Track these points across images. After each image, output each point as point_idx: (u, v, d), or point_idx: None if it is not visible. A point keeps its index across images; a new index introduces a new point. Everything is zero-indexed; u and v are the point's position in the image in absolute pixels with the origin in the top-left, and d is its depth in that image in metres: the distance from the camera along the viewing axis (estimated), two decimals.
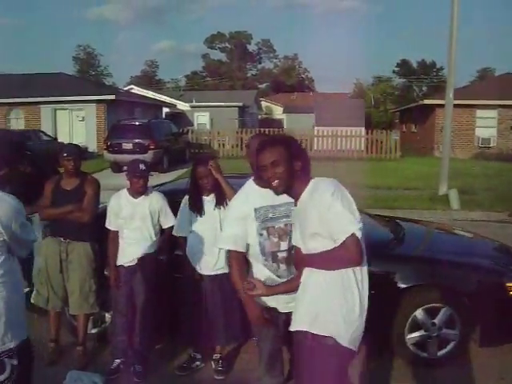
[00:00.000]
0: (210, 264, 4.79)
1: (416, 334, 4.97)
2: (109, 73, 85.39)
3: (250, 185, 3.77)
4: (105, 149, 21.29)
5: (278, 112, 61.99)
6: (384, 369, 5.01)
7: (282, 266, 3.60)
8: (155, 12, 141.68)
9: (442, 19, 31.09)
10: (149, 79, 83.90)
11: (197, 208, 4.81)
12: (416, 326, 4.96)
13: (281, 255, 3.60)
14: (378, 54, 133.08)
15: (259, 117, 56.79)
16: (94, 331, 5.56)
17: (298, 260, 3.15)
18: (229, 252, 3.80)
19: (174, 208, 5.03)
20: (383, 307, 4.93)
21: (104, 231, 5.06)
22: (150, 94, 43.88)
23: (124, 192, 5.09)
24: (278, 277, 3.58)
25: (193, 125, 41.27)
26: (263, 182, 3.30)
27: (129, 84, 58.45)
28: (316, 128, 34.73)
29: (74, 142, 25.53)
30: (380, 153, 27.97)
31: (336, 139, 28.88)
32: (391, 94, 61.74)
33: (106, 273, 5.19)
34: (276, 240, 3.59)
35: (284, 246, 3.59)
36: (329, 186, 2.93)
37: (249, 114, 48.97)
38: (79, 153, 5.29)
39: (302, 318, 3.01)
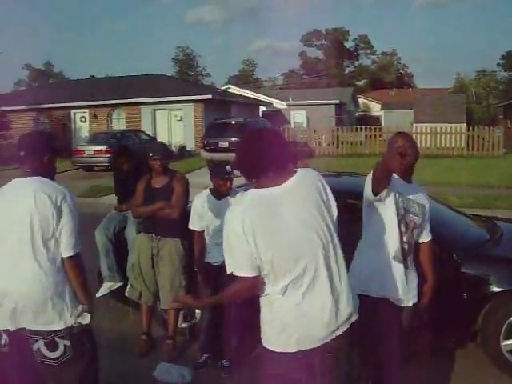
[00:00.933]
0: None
1: None
2: (207, 73, 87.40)
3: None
4: (202, 147, 21.73)
5: (375, 109, 61.01)
6: (478, 377, 4.80)
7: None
8: (251, 11, 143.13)
9: None
10: (246, 78, 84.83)
11: None
12: None
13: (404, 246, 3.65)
14: (482, 47, 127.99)
15: (356, 114, 56.12)
16: (184, 325, 5.68)
17: None
18: None
19: None
20: (477, 311, 4.75)
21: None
22: (246, 92, 44.30)
23: (207, 192, 5.15)
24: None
25: (289, 123, 41.34)
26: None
27: (227, 83, 59.35)
28: (415, 125, 33.94)
29: (173, 141, 26.44)
30: (482, 150, 26.80)
31: (435, 136, 28.03)
32: (495, 88, 59.24)
33: (196, 269, 5.29)
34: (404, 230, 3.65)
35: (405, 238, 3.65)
36: None
37: (346, 112, 48.47)
38: (165, 151, 5.43)
39: None
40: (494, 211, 11.33)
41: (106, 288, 6.16)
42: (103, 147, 21.49)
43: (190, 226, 5.12)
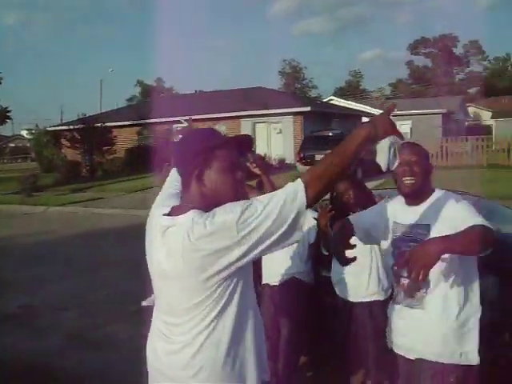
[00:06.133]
0: (359, 290, 4.27)
1: None
2: (314, 85, 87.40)
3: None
4: (298, 160, 21.43)
5: (486, 118, 58.27)
6: None
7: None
8: (360, 21, 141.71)
9: None
10: (353, 89, 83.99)
11: None
12: None
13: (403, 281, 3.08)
14: None
15: (466, 123, 53.83)
16: None
17: None
18: None
19: None
20: None
21: None
22: (348, 103, 43.62)
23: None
24: None
25: None
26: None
27: (332, 95, 58.85)
28: None
29: (272, 154, 26.33)
30: None
31: None
32: None
33: None
34: None
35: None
36: None
37: (454, 121, 46.60)
38: None
39: None
40: None
41: (152, 300, 6.16)
42: None
43: None
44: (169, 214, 2.22)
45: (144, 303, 6.34)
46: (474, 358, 2.92)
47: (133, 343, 5.84)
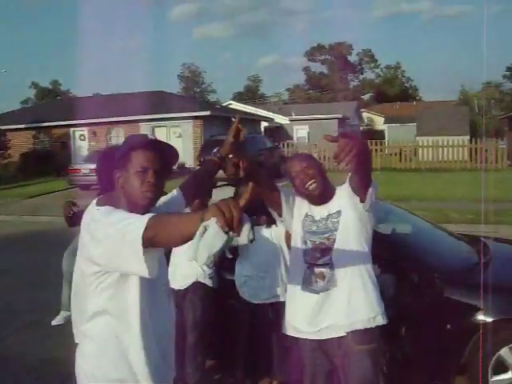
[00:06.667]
0: (262, 292, 4.36)
1: (502, 377, 4.23)
2: (213, 89, 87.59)
3: None
4: (198, 165, 21.47)
5: (379, 123, 60.68)
6: None
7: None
8: (259, 27, 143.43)
9: None
10: (252, 94, 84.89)
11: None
12: (502, 366, 4.24)
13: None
14: (488, 59, 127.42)
15: (360, 128, 55.81)
16: None
17: None
18: None
19: None
20: (462, 343, 4.30)
21: None
22: (248, 108, 44.07)
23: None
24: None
25: (292, 138, 41.05)
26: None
27: (232, 100, 59.20)
28: (418, 138, 33.58)
29: None
30: (485, 162, 26.37)
31: (438, 149, 27.59)
32: (500, 99, 58.69)
33: None
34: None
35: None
36: None
37: (349, 126, 48.17)
38: None
39: None
40: (497, 227, 10.92)
41: (62, 317, 6.13)
42: None
43: None
44: None
45: (54, 322, 6.19)
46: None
47: (29, 358, 5.67)
